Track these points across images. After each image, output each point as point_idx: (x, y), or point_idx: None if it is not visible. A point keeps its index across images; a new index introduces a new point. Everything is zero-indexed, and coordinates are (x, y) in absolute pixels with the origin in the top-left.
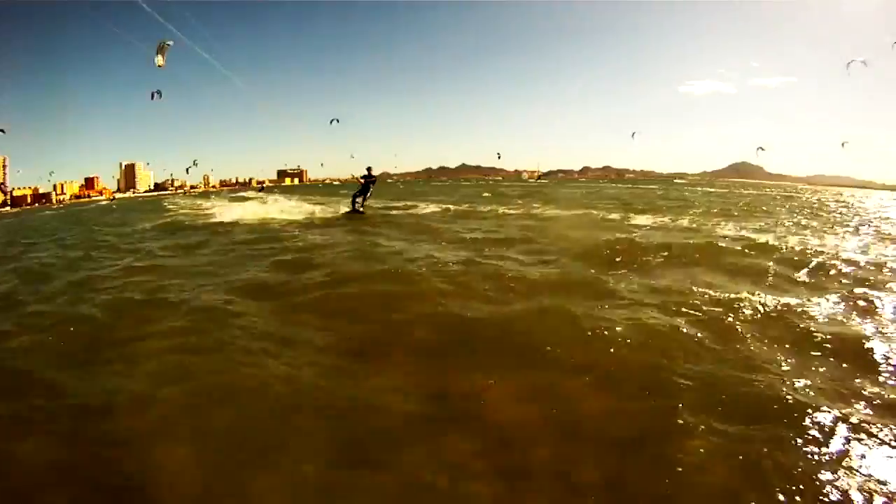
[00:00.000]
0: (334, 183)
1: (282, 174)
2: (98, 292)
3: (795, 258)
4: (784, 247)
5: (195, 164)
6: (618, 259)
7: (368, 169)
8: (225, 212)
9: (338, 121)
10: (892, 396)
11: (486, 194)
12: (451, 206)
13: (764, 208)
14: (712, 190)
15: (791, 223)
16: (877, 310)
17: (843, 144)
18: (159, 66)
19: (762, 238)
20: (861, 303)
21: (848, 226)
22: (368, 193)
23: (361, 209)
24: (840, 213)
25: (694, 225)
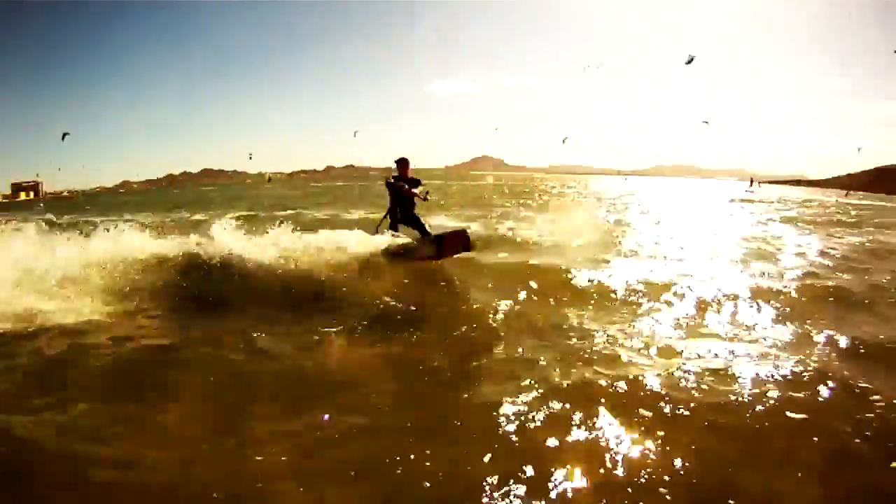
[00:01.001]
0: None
1: (16, 188)
2: None
3: None
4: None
5: None
6: None
7: (400, 162)
8: None
9: (69, 134)
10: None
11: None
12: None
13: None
14: (452, 183)
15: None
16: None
17: (563, 140)
18: None
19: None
20: None
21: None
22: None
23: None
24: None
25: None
